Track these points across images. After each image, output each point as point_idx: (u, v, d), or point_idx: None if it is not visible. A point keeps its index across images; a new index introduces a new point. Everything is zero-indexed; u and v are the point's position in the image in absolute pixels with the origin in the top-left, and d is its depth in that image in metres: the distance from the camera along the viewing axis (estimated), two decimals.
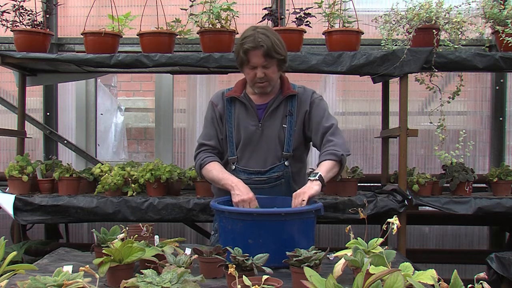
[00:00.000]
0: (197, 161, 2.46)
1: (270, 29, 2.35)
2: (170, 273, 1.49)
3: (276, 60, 2.28)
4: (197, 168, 2.48)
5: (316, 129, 2.39)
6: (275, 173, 2.39)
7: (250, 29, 2.32)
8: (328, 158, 2.27)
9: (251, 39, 2.24)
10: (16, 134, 3.67)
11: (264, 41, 2.23)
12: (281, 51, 2.28)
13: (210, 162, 2.41)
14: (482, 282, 1.36)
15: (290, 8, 3.39)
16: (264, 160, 2.40)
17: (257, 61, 2.26)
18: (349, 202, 3.13)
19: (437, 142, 3.45)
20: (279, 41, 2.29)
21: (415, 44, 3.11)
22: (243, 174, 2.40)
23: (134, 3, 3.88)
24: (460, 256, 4.04)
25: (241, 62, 2.31)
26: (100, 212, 3.16)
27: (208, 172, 2.40)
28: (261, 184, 2.38)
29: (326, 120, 2.39)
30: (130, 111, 4.81)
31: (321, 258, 1.78)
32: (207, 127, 2.50)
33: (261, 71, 2.28)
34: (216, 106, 2.47)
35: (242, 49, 2.26)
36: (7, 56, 3.22)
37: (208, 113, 2.51)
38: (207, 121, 2.50)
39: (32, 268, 1.73)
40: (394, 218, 1.68)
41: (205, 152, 2.45)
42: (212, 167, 2.39)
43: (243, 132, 2.41)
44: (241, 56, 2.28)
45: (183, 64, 3.16)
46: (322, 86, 4.12)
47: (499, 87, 4.00)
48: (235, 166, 2.43)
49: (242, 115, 2.42)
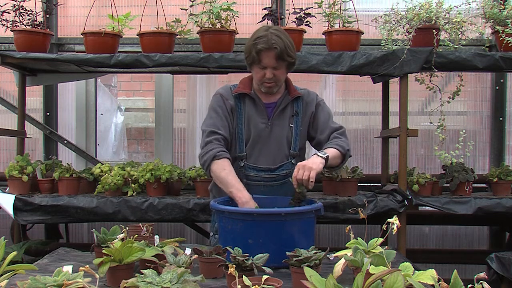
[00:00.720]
0: (210, 151, 2.31)
1: (282, 31, 2.34)
2: (170, 273, 1.49)
3: (287, 63, 2.31)
4: (207, 158, 2.31)
5: (323, 128, 2.45)
6: (284, 170, 2.42)
7: (262, 29, 2.32)
8: (335, 147, 2.33)
9: (264, 40, 2.25)
10: (16, 134, 3.67)
11: (277, 43, 2.24)
12: (293, 54, 2.31)
13: (224, 158, 2.31)
14: (482, 282, 1.36)
15: (290, 8, 3.39)
16: (274, 158, 2.42)
17: (268, 62, 2.28)
18: (349, 202, 3.13)
19: (437, 142, 3.46)
20: (291, 44, 2.30)
21: (415, 44, 3.11)
22: (252, 171, 2.41)
23: (134, 3, 3.88)
24: (460, 256, 4.04)
25: (252, 61, 2.32)
26: (100, 212, 3.16)
27: (220, 169, 2.29)
28: (270, 181, 2.40)
29: (334, 122, 2.49)
30: (130, 111, 4.81)
31: (321, 258, 1.78)
32: (216, 117, 2.39)
33: (270, 72, 2.30)
34: (226, 100, 2.42)
35: (255, 49, 2.26)
36: (7, 56, 3.22)
37: (218, 104, 2.42)
38: (216, 111, 2.40)
39: (32, 268, 1.73)
40: (394, 218, 1.68)
41: (218, 143, 2.34)
42: (225, 165, 2.30)
43: (253, 129, 2.41)
44: (253, 55, 2.28)
45: (183, 64, 3.16)
46: (322, 86, 4.12)
47: (499, 87, 4.00)
48: (244, 163, 2.41)
49: (252, 112, 2.42)
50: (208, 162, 2.32)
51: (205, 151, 2.34)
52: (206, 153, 2.33)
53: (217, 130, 2.36)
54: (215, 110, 2.41)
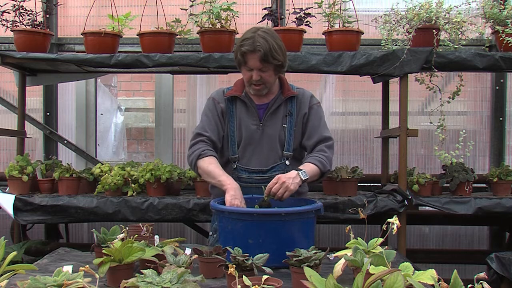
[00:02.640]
0: (196, 151, 2.39)
1: (271, 32, 2.32)
2: (170, 273, 1.49)
3: (273, 65, 2.30)
4: (193, 157, 2.39)
5: (311, 134, 2.44)
6: (276, 172, 2.40)
7: (251, 30, 2.32)
8: (317, 165, 2.34)
9: (249, 42, 2.25)
10: (16, 134, 3.67)
11: (262, 45, 2.23)
12: (279, 57, 2.28)
13: (209, 155, 2.37)
14: (482, 282, 1.36)
15: (290, 8, 3.39)
16: (266, 159, 2.42)
17: (253, 64, 2.28)
18: (349, 202, 3.13)
19: (437, 142, 3.45)
20: (278, 46, 2.27)
21: (415, 44, 3.10)
22: (244, 173, 2.41)
23: (134, 3, 3.88)
24: (460, 256, 4.04)
25: (239, 63, 2.35)
26: (100, 212, 3.16)
27: (206, 164, 2.35)
28: (262, 183, 2.37)
29: (324, 130, 2.46)
30: (130, 111, 4.80)
31: (321, 258, 1.78)
32: (206, 120, 2.46)
33: (257, 74, 2.30)
34: (218, 103, 2.46)
35: (240, 51, 2.28)
36: (7, 56, 3.22)
37: (209, 108, 2.48)
38: (206, 115, 2.47)
39: (32, 268, 1.73)
40: (394, 218, 1.68)
41: (204, 143, 2.41)
42: (212, 161, 2.36)
43: (245, 131, 2.42)
44: (239, 57, 2.31)
45: (183, 64, 3.16)
46: (322, 86, 4.12)
47: (499, 87, 4.00)
48: (237, 165, 2.43)
49: (243, 114, 2.43)
50: (194, 161, 2.39)
51: (191, 151, 2.42)
52: (192, 153, 2.41)
53: (203, 132, 2.42)
54: (206, 114, 2.48)
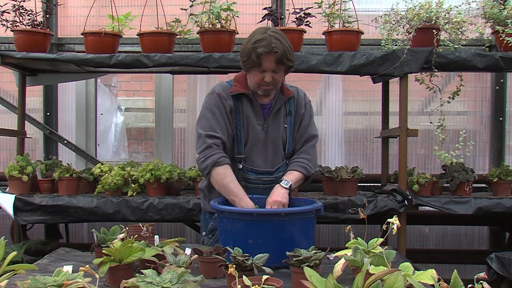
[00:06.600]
0: (211, 157, 2.25)
1: (281, 33, 2.29)
2: (170, 273, 1.49)
3: (286, 66, 2.29)
4: (208, 164, 2.25)
5: (302, 133, 2.46)
6: (281, 172, 2.41)
7: (260, 31, 2.26)
8: (300, 171, 2.37)
9: (264, 43, 2.20)
10: (16, 134, 3.67)
11: (278, 47, 2.20)
12: (292, 58, 2.28)
13: (225, 164, 2.27)
14: (482, 282, 1.36)
15: (290, 8, 3.39)
16: (271, 160, 2.41)
17: (268, 65, 2.24)
18: (349, 202, 3.13)
19: (437, 142, 3.45)
20: (290, 47, 2.27)
21: (415, 44, 3.10)
22: (252, 174, 2.39)
23: (134, 3, 3.89)
24: (460, 256, 4.04)
25: (252, 65, 2.25)
26: (100, 212, 3.16)
27: (222, 176, 2.25)
28: (269, 184, 2.38)
29: (312, 128, 2.49)
30: (130, 111, 4.80)
31: (321, 258, 1.78)
32: (213, 118, 2.31)
33: (269, 75, 2.27)
34: (225, 100, 2.33)
35: (255, 53, 2.20)
36: (7, 56, 3.22)
37: (215, 105, 2.33)
38: (213, 113, 2.32)
39: (32, 268, 1.73)
40: (394, 218, 1.68)
41: (218, 148, 2.28)
42: (227, 172, 2.26)
43: (251, 131, 2.37)
44: (253, 59, 2.22)
45: (183, 64, 3.16)
46: (322, 86, 4.12)
47: (499, 87, 4.00)
48: (243, 165, 2.38)
49: (250, 113, 2.38)
50: (209, 168, 2.26)
51: (204, 156, 2.27)
52: (206, 159, 2.27)
53: (215, 133, 2.29)
54: (211, 111, 2.32)
